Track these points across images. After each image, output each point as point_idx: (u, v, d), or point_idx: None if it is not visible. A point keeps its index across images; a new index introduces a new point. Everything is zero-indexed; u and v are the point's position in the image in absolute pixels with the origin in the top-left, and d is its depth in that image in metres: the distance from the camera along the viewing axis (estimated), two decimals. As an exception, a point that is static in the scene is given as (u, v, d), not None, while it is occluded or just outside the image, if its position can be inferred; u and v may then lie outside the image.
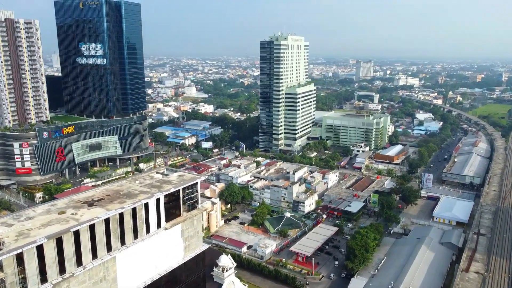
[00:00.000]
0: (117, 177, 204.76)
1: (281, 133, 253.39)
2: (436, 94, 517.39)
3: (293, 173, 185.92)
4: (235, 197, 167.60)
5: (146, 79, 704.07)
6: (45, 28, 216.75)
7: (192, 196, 78.15)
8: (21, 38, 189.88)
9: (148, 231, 69.64)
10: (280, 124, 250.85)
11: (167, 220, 73.49)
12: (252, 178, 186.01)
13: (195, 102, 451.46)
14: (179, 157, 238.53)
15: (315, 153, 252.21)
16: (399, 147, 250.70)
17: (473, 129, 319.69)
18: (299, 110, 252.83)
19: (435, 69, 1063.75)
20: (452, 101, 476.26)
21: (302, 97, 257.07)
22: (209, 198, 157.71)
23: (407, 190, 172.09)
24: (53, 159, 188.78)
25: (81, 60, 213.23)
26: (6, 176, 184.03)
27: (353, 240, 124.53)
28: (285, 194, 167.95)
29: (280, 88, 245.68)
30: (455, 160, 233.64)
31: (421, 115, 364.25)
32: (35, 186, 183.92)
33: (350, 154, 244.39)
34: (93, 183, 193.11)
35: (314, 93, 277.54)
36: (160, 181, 78.03)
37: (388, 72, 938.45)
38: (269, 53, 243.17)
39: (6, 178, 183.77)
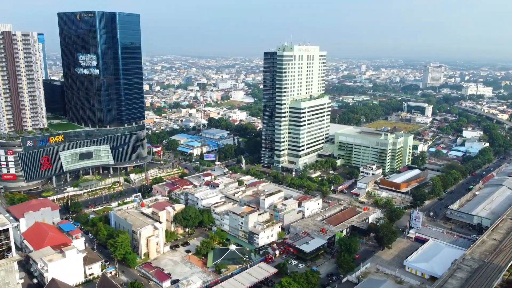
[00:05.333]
0: (102, 187, 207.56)
1: (283, 149, 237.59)
2: (505, 107, 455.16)
3: (264, 199, 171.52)
4: (191, 221, 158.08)
5: (204, 80, 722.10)
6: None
7: (-2, 244, 71.48)
8: (18, 49, 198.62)
9: None
10: (282, 140, 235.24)
11: (-46, 271, 67.72)
12: (222, 200, 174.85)
13: (233, 108, 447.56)
14: (175, 169, 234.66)
15: (318, 173, 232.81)
16: (414, 172, 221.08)
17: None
18: (304, 125, 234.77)
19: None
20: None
21: (310, 111, 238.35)
22: (155, 221, 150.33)
23: (383, 229, 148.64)
24: (37, 167, 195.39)
25: (79, 70, 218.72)
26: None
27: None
28: (241, 223, 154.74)
29: (283, 102, 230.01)
30: (476, 193, 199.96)
31: (469, 133, 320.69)
32: (19, 192, 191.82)
33: (355, 176, 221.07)
34: (74, 192, 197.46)
35: (328, 107, 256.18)
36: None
37: (467, 78, 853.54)
38: (272, 65, 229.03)
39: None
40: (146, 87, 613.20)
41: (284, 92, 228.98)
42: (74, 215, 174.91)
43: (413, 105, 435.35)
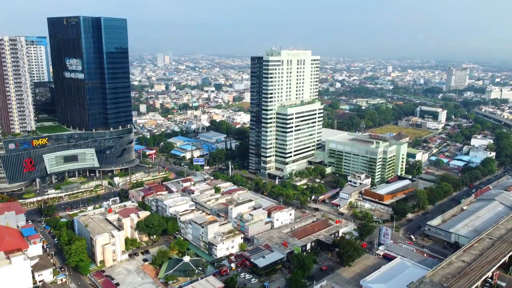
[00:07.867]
0: (84, 189, 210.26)
1: (270, 156, 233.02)
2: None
3: (231, 208, 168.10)
4: (153, 229, 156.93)
5: (223, 81, 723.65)
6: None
7: None
8: (5, 54, 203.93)
9: None
10: (268, 146, 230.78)
11: None
12: (191, 208, 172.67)
13: (242, 110, 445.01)
14: (161, 173, 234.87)
15: (305, 181, 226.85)
16: (403, 183, 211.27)
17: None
18: (291, 131, 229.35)
19: None
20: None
21: (298, 117, 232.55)
22: (117, 228, 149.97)
23: (345, 245, 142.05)
24: (20, 169, 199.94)
25: (67, 74, 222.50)
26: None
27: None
28: (202, 233, 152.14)
29: (269, 107, 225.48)
30: (464, 207, 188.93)
31: (477, 141, 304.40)
32: (2, 193, 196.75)
33: (341, 185, 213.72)
34: (55, 195, 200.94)
35: (320, 112, 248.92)
36: None
37: (497, 80, 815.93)
38: (259, 69, 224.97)
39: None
40: (162, 87, 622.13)
41: (271, 97, 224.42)
42: (48, 218, 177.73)
43: (426, 109, 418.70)
